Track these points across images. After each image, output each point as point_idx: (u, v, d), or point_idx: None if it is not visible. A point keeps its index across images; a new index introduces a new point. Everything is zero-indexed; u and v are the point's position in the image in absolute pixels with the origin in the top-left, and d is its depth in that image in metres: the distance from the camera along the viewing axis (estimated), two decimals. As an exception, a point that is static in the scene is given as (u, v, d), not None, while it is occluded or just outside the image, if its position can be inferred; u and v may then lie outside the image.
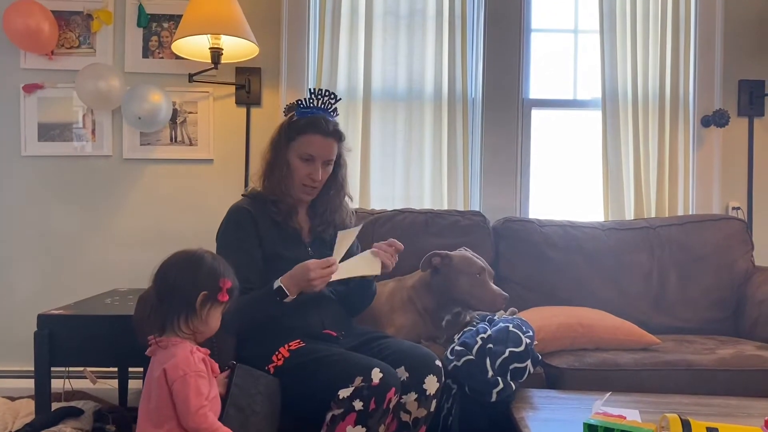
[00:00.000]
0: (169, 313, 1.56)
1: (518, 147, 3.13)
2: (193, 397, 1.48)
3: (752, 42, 3.12)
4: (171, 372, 1.49)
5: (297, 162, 1.98)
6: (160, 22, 3.06)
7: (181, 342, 1.55)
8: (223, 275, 1.61)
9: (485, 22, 3.10)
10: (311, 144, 1.97)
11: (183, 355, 1.52)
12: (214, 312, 1.60)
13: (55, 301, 2.44)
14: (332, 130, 1.99)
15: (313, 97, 2.01)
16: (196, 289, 1.56)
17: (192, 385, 1.48)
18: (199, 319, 1.57)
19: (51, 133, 3.04)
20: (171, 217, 3.06)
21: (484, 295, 2.13)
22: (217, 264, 1.62)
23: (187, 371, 1.49)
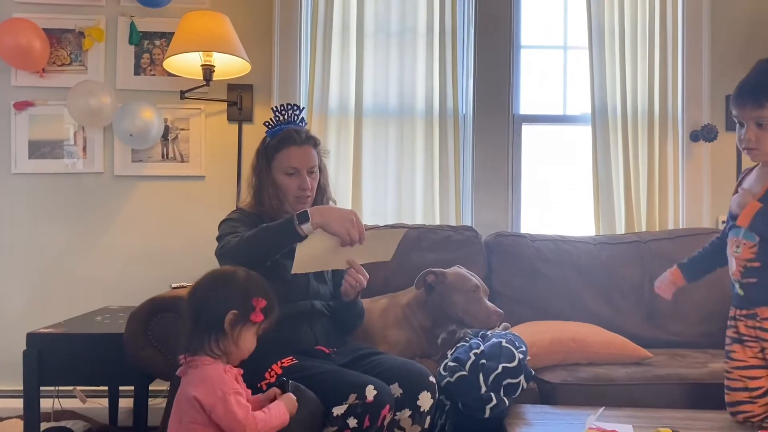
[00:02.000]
0: (198, 333, 1.49)
1: (509, 162, 3.14)
2: (239, 410, 1.43)
3: (739, 57, 3.16)
4: (207, 398, 1.42)
5: (283, 178, 2.01)
6: (152, 39, 3.07)
7: (212, 362, 1.48)
8: (257, 294, 1.52)
9: (475, 38, 3.13)
10: (290, 157, 2.01)
11: (216, 375, 1.46)
12: (247, 333, 1.52)
13: (45, 319, 2.42)
14: (305, 137, 2.04)
15: (278, 114, 2.06)
16: (225, 308, 1.49)
17: (233, 402, 1.43)
18: (230, 340, 1.49)
19: (42, 150, 3.03)
20: (163, 234, 3.05)
21: (478, 312, 2.14)
22: (251, 282, 1.55)
23: (225, 390, 1.44)
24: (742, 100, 1.78)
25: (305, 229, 1.72)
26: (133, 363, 1.88)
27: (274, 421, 1.49)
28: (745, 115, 1.77)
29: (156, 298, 1.96)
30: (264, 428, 1.46)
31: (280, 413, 1.51)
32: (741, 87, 1.82)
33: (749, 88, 1.79)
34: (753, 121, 1.75)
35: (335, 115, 3.07)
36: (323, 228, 1.73)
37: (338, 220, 1.74)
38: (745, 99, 1.77)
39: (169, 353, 1.87)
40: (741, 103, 1.78)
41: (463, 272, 2.22)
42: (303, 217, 1.73)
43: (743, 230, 1.78)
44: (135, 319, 1.90)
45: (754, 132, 1.76)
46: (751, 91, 1.77)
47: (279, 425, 1.50)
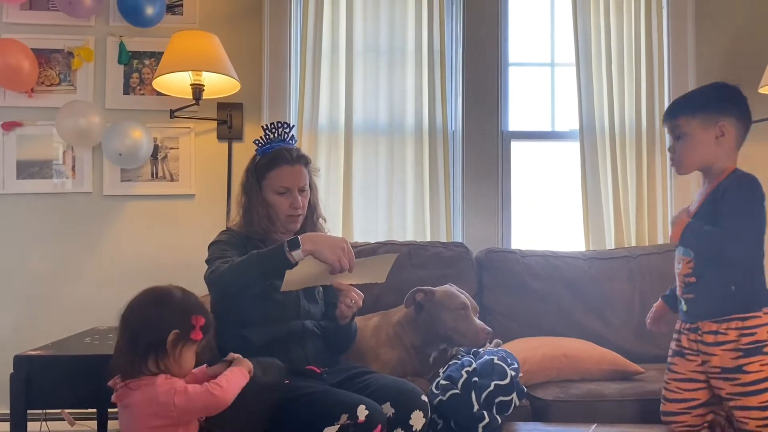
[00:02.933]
0: (138, 355, 1.48)
1: (499, 178, 3.16)
2: (199, 389, 1.46)
3: (723, 74, 3.18)
4: (163, 398, 1.43)
5: (275, 198, 2.00)
6: (141, 59, 3.07)
7: (153, 378, 1.47)
8: (196, 312, 1.52)
9: (463, 56, 3.15)
10: (282, 176, 1.99)
11: (159, 381, 1.46)
12: (188, 352, 1.52)
13: (33, 341, 2.38)
14: (296, 156, 2.03)
15: (268, 132, 2.05)
16: (166, 327, 1.48)
17: (189, 389, 1.45)
18: (171, 360, 1.49)
19: (30, 170, 3.02)
20: (152, 253, 3.03)
21: (467, 330, 2.13)
22: (189, 300, 1.55)
23: (175, 385, 1.45)
24: (667, 112, 1.90)
25: (296, 256, 1.70)
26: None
27: (235, 381, 1.52)
28: (666, 126, 1.87)
29: (145, 318, 1.94)
30: (230, 391, 1.48)
31: (239, 374, 1.55)
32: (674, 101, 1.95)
33: (675, 103, 1.91)
34: (673, 135, 1.83)
35: (325, 133, 3.08)
36: (314, 255, 1.71)
37: (330, 248, 1.72)
38: (668, 112, 1.88)
39: (158, 375, 1.85)
40: (666, 116, 1.89)
41: (453, 290, 2.22)
42: (294, 243, 1.71)
43: (681, 247, 1.81)
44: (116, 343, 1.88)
45: (673, 144, 1.84)
46: (675, 105, 1.88)
47: (240, 384, 1.53)
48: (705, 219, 1.73)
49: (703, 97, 1.84)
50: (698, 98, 1.85)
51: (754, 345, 1.67)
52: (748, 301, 1.71)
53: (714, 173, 1.80)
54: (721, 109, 1.78)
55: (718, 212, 1.71)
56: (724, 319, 1.71)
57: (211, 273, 1.80)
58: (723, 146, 1.77)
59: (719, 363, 1.71)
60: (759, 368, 1.66)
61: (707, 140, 1.77)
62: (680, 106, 1.84)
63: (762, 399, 1.65)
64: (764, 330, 1.68)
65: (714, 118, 1.76)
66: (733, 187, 1.72)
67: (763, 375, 1.66)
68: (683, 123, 1.79)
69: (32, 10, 3.05)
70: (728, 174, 1.77)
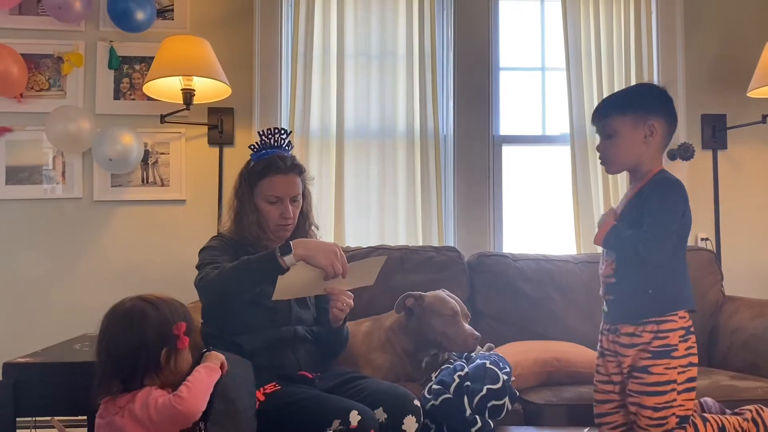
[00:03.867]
0: (129, 379, 1.45)
1: (490, 182, 3.17)
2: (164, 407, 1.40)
3: (713, 77, 3.23)
4: (140, 413, 1.40)
5: (265, 206, 1.99)
6: (131, 64, 3.06)
7: (134, 392, 1.45)
8: (174, 320, 1.48)
9: (455, 61, 3.16)
10: (274, 185, 1.97)
11: (140, 395, 1.43)
12: (180, 358, 1.50)
13: (22, 348, 2.36)
14: (290, 165, 2.00)
15: (264, 138, 2.03)
16: (155, 349, 1.45)
17: (159, 402, 1.40)
18: (168, 371, 1.48)
19: (20, 176, 3.00)
20: (143, 259, 3.02)
21: (456, 335, 2.12)
22: (163, 311, 1.49)
23: (149, 400, 1.41)
24: (595, 112, 1.86)
25: (287, 261, 1.69)
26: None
27: (199, 385, 1.44)
28: (595, 125, 1.85)
29: (136, 324, 1.93)
30: (194, 398, 1.41)
31: (203, 375, 1.47)
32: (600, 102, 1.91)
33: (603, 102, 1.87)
34: (602, 134, 1.82)
35: (316, 138, 3.08)
36: (306, 261, 1.71)
37: (322, 253, 1.72)
38: (596, 112, 1.85)
39: (149, 381, 1.84)
40: (594, 116, 1.86)
41: (443, 296, 2.21)
42: (285, 249, 1.70)
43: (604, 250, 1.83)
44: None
45: (603, 144, 1.82)
46: (603, 105, 1.85)
47: (207, 385, 1.47)
48: (629, 221, 1.74)
49: (634, 96, 1.84)
50: (629, 97, 1.84)
51: (663, 348, 1.68)
52: (664, 305, 1.71)
53: (641, 174, 1.80)
54: (651, 108, 1.77)
55: (641, 216, 1.71)
56: (641, 322, 1.71)
57: (201, 279, 1.79)
58: (650, 146, 1.77)
59: (630, 363, 1.73)
60: (663, 371, 1.67)
61: (637, 139, 1.76)
62: (611, 105, 1.83)
63: (657, 400, 1.66)
64: (676, 335, 1.69)
65: (644, 117, 1.76)
66: (657, 192, 1.72)
67: (664, 378, 1.67)
68: (614, 121, 1.77)
69: (21, 15, 3.04)
70: (653, 176, 1.77)
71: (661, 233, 1.67)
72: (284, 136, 2.05)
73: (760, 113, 3.01)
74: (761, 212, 3.21)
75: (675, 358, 1.68)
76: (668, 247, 1.69)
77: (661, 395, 1.67)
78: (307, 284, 1.80)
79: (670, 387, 1.67)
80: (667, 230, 1.68)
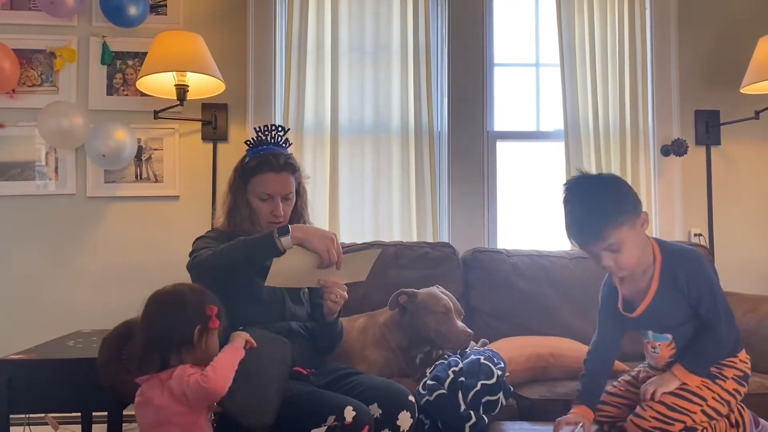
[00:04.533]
0: (164, 352, 1.58)
1: (485, 178, 3.17)
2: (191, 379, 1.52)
3: (706, 73, 3.24)
4: (177, 389, 1.52)
5: (257, 202, 1.99)
6: (124, 59, 3.05)
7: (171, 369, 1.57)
8: (208, 303, 1.61)
9: (449, 56, 3.16)
10: (265, 183, 1.97)
11: (177, 372, 1.55)
12: (212, 338, 1.62)
13: (15, 345, 2.36)
14: (283, 163, 2.00)
15: (261, 134, 2.02)
16: (189, 326, 1.58)
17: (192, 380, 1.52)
18: (200, 350, 1.59)
19: (12, 172, 2.99)
20: (136, 255, 3.01)
21: (449, 333, 2.12)
22: (197, 293, 1.63)
23: (184, 375, 1.53)
24: (584, 237, 1.69)
25: (284, 242, 1.70)
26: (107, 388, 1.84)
27: (224, 365, 1.56)
28: (593, 249, 1.68)
29: (130, 321, 1.90)
30: (220, 377, 1.53)
31: (228, 354, 1.60)
32: (573, 224, 1.73)
33: (585, 224, 1.69)
34: (607, 251, 1.66)
35: (311, 133, 3.07)
36: (303, 245, 1.72)
37: (319, 238, 1.74)
38: (585, 236, 1.69)
39: (143, 377, 1.84)
40: (585, 241, 1.69)
41: (435, 293, 2.21)
42: (284, 230, 1.72)
43: (651, 333, 1.77)
44: (108, 343, 1.85)
45: (611, 257, 1.67)
46: (590, 226, 1.67)
47: (232, 364, 1.58)
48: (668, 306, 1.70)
49: (613, 199, 1.68)
50: (610, 203, 1.67)
51: (714, 374, 1.69)
52: (726, 355, 1.73)
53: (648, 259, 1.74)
54: (631, 199, 1.69)
55: (688, 299, 1.69)
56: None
57: (194, 258, 1.81)
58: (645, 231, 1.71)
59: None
60: (700, 385, 1.67)
61: (640, 236, 1.69)
62: (601, 222, 1.64)
63: (677, 402, 1.64)
64: (731, 372, 1.70)
65: (633, 212, 1.66)
66: (693, 270, 1.69)
67: (698, 391, 1.65)
68: (613, 235, 1.63)
69: (13, 9, 3.02)
70: (661, 255, 1.72)
71: (724, 311, 1.68)
72: (281, 133, 2.05)
73: (753, 109, 3.02)
74: (754, 208, 3.22)
75: (718, 385, 1.68)
76: (732, 315, 1.70)
77: (683, 400, 1.65)
78: (302, 273, 1.81)
79: (697, 400, 1.65)
80: (725, 305, 1.69)
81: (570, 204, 1.76)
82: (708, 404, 1.65)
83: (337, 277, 1.85)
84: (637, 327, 1.80)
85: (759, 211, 3.23)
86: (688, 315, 1.71)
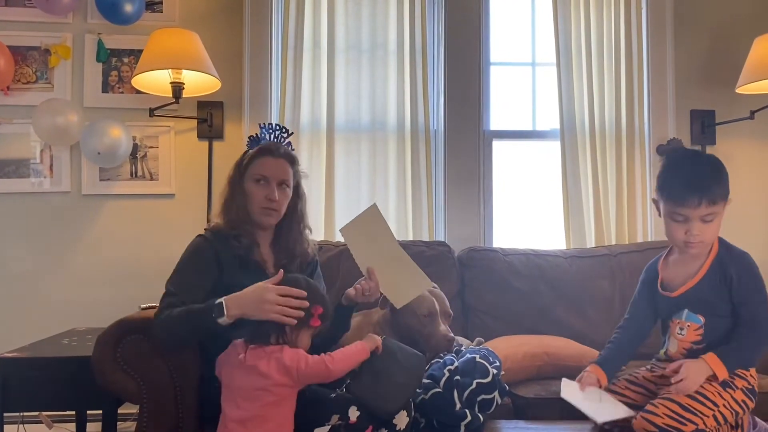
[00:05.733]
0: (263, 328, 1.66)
1: (480, 177, 3.17)
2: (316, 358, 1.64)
3: (702, 73, 3.25)
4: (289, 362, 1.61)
5: (252, 186, 1.97)
6: (120, 56, 3.04)
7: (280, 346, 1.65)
8: (316, 301, 1.68)
9: (445, 55, 3.16)
10: (263, 165, 1.97)
11: (287, 349, 1.64)
12: (304, 335, 1.69)
13: (9, 343, 2.36)
14: (283, 152, 2.01)
15: (265, 131, 2.03)
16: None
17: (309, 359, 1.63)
18: (289, 339, 1.66)
19: (6, 169, 2.97)
20: (131, 253, 3.00)
21: (429, 336, 2.09)
22: (311, 289, 1.70)
23: (299, 354, 1.64)
24: (695, 197, 1.71)
25: (222, 322, 1.69)
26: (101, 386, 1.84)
27: (349, 356, 1.68)
28: (694, 213, 1.72)
29: (125, 319, 1.92)
30: (341, 364, 1.65)
31: (356, 349, 1.70)
32: (692, 181, 1.73)
33: (705, 187, 1.72)
34: (700, 218, 1.72)
35: (307, 132, 3.07)
36: (245, 318, 1.69)
37: (257, 308, 1.67)
38: (699, 196, 1.71)
39: (138, 376, 1.83)
40: (694, 201, 1.71)
41: (423, 294, 2.19)
42: (219, 310, 1.68)
43: (686, 312, 1.80)
44: (103, 341, 1.86)
45: (700, 228, 1.73)
46: (708, 190, 1.71)
47: (356, 358, 1.69)
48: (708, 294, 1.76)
49: (725, 175, 1.77)
50: (725, 178, 1.77)
51: (726, 381, 1.70)
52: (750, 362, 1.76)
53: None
54: (727, 183, 1.77)
55: (732, 296, 1.74)
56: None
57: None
58: None
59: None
60: (714, 391, 1.68)
61: (722, 218, 1.77)
62: (716, 192, 1.72)
63: (692, 404, 1.65)
64: (741, 383, 1.71)
65: (727, 194, 1.77)
66: (745, 272, 1.75)
67: (711, 396, 1.67)
68: (718, 207, 1.73)
69: (8, 6, 3.01)
70: (719, 248, 1.79)
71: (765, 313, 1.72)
72: (285, 134, 2.05)
73: (748, 109, 3.03)
74: (749, 207, 3.23)
75: (728, 393, 1.69)
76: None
77: (698, 402, 1.66)
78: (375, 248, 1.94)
79: (710, 405, 1.66)
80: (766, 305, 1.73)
81: (691, 163, 1.81)
82: (719, 410, 1.67)
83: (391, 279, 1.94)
84: (672, 307, 1.83)
85: (754, 211, 3.24)
86: (726, 310, 1.75)
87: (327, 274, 2.17)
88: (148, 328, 1.81)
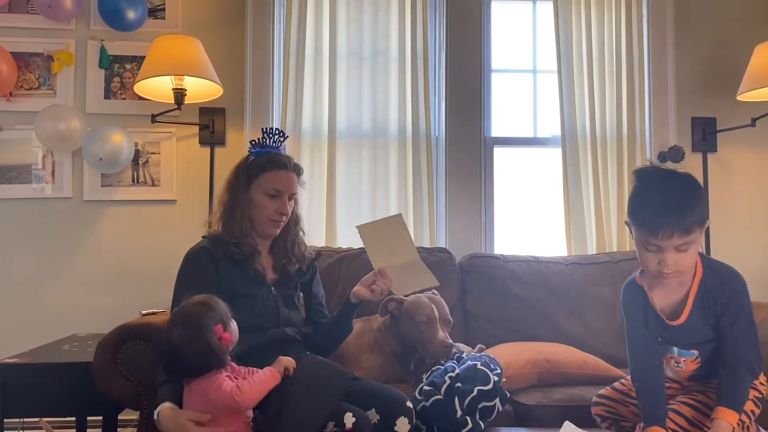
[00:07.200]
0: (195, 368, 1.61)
1: (482, 184, 3.17)
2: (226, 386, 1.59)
3: (703, 81, 3.25)
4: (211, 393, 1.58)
5: (263, 199, 1.98)
6: (122, 63, 3.05)
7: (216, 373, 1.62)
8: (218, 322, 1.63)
9: (446, 62, 3.17)
10: (277, 179, 1.98)
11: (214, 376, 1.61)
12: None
13: (10, 349, 2.35)
14: (293, 165, 2.04)
15: (266, 136, 2.05)
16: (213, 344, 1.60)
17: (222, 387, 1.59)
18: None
19: (9, 175, 2.98)
20: (133, 259, 3.01)
21: (428, 343, 2.10)
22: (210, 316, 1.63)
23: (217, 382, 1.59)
24: (667, 226, 1.56)
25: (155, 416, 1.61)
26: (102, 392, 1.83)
27: (258, 386, 1.62)
28: (667, 243, 1.58)
29: (125, 325, 1.92)
30: (250, 395, 1.59)
31: (264, 377, 1.64)
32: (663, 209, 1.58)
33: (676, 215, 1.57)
34: (674, 248, 1.59)
35: (308, 138, 3.07)
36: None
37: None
38: (671, 226, 1.56)
39: (139, 382, 1.83)
40: (667, 230, 1.56)
41: (421, 301, 2.18)
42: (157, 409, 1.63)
43: (676, 349, 1.73)
44: (104, 347, 1.86)
45: (674, 258, 1.59)
46: (680, 218, 1.56)
47: (267, 385, 1.63)
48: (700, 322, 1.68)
49: (701, 202, 1.63)
50: (700, 204, 1.62)
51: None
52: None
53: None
54: (704, 208, 1.64)
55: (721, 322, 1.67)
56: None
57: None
58: None
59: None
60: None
61: (700, 242, 1.64)
62: (690, 220, 1.57)
63: (697, 416, 1.64)
64: (751, 392, 1.68)
65: (705, 221, 1.62)
66: (735, 298, 1.68)
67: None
68: (693, 235, 1.58)
69: (11, 13, 3.02)
70: (701, 265, 1.70)
71: (755, 334, 1.67)
72: (282, 138, 2.08)
73: (749, 116, 3.03)
74: (751, 215, 3.23)
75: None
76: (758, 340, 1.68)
77: (704, 416, 1.65)
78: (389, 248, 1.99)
79: None
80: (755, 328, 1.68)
81: (663, 189, 1.63)
82: None
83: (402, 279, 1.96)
84: (667, 338, 1.74)
85: (755, 217, 3.24)
86: (714, 333, 1.69)
87: (327, 281, 2.17)
88: (149, 333, 1.80)
